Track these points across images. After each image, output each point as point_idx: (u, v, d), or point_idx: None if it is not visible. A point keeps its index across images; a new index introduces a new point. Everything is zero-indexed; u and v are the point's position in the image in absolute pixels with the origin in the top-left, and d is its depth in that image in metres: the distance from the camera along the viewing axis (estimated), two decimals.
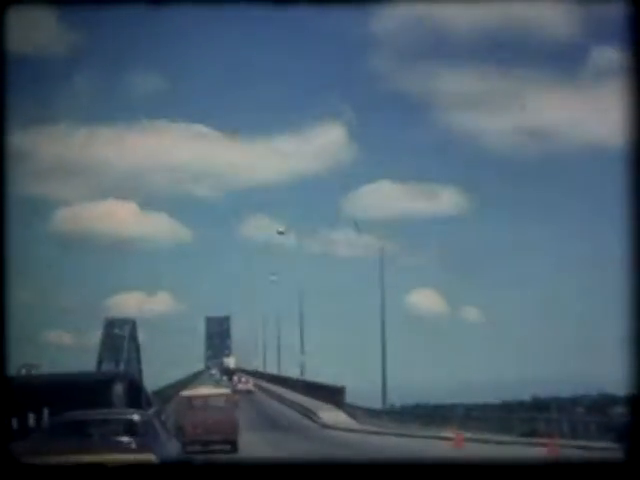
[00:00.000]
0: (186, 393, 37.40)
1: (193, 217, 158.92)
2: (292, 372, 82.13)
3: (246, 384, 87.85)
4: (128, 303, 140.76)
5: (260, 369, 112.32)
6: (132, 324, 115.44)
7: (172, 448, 15.14)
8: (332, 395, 60.04)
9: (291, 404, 67.61)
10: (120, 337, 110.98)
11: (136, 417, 15.69)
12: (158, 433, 15.19)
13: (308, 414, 56.28)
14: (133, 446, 14.03)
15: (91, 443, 14.42)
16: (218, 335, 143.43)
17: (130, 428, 14.88)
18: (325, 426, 48.27)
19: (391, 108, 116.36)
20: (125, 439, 14.35)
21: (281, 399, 74.43)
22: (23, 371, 41.67)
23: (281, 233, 68.27)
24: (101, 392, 34.73)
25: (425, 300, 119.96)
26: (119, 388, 37.49)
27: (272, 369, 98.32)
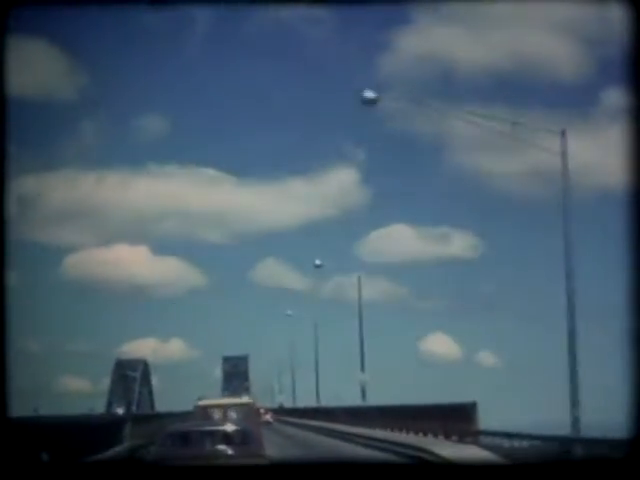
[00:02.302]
0: (203, 402, 35.26)
1: (205, 261, 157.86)
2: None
3: (265, 415, 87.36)
4: (142, 349, 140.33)
5: (287, 404, 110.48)
6: (144, 365, 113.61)
7: None
8: (441, 420, 35.95)
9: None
10: (131, 378, 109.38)
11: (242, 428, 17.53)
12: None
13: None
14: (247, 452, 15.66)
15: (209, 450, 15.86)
16: (236, 376, 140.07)
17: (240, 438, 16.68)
18: None
19: (402, 150, 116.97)
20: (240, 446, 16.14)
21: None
22: (35, 412, 41.92)
23: (318, 267, 66.92)
24: (112, 432, 34.41)
25: (438, 345, 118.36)
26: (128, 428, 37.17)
27: (304, 403, 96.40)
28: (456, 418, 33.46)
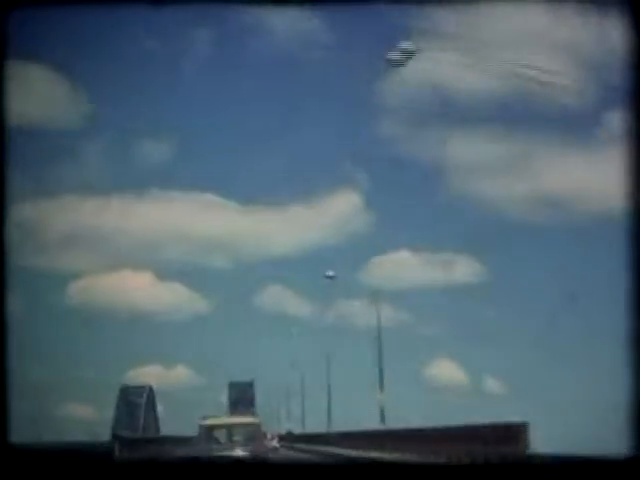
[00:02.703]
0: (207, 422, 33.30)
1: (209, 287, 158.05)
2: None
3: (271, 440, 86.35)
4: (147, 376, 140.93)
5: (296, 430, 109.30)
6: (149, 391, 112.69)
7: None
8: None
9: None
10: (137, 404, 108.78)
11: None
12: None
13: None
14: None
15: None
16: (242, 402, 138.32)
17: None
18: None
19: (404, 174, 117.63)
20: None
21: None
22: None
23: (330, 277, 66.00)
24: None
25: (444, 371, 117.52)
26: None
27: (315, 429, 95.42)
28: (499, 441, 27.31)
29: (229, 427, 30.96)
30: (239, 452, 16.78)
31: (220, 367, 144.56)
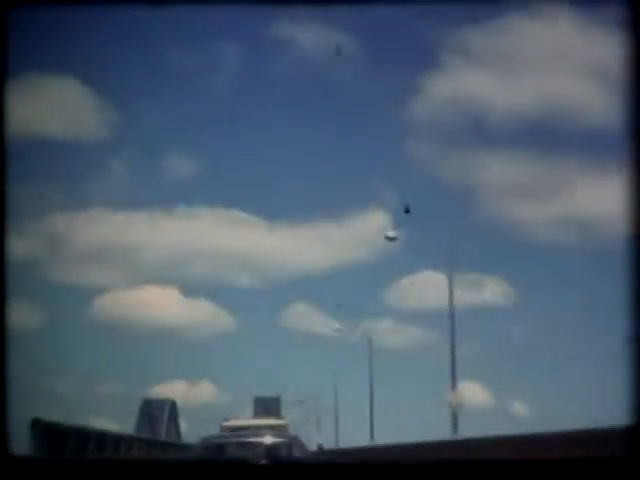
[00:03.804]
0: (229, 423, 32.27)
1: (234, 304, 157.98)
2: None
3: None
4: (171, 391, 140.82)
5: (327, 445, 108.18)
6: (171, 405, 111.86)
7: None
8: None
9: None
10: (158, 417, 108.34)
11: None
12: None
13: None
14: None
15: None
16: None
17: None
18: None
19: (433, 195, 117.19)
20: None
21: None
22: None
23: (391, 238, 62.92)
24: None
25: (471, 393, 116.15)
26: None
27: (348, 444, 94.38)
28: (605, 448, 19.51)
29: (254, 429, 29.20)
30: (270, 440, 15.07)
31: (244, 383, 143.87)
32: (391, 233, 61.96)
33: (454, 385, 46.18)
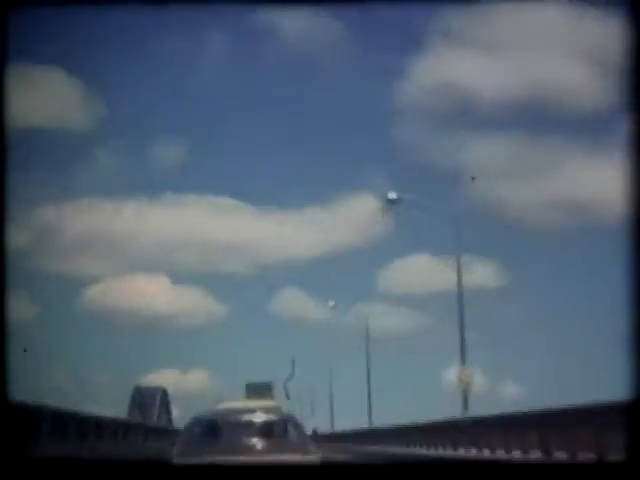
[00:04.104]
0: (222, 406, 30.81)
1: (224, 291, 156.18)
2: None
3: None
4: (163, 380, 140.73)
5: (319, 429, 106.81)
6: (162, 392, 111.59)
7: None
8: None
9: None
10: (149, 405, 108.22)
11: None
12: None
13: None
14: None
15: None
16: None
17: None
18: None
19: (423, 178, 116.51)
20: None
21: None
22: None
23: (393, 200, 65.54)
24: None
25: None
26: None
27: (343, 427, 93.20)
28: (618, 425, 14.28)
29: (248, 411, 29.54)
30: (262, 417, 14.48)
31: (236, 371, 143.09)
32: (392, 195, 62.99)
33: (463, 363, 45.37)
